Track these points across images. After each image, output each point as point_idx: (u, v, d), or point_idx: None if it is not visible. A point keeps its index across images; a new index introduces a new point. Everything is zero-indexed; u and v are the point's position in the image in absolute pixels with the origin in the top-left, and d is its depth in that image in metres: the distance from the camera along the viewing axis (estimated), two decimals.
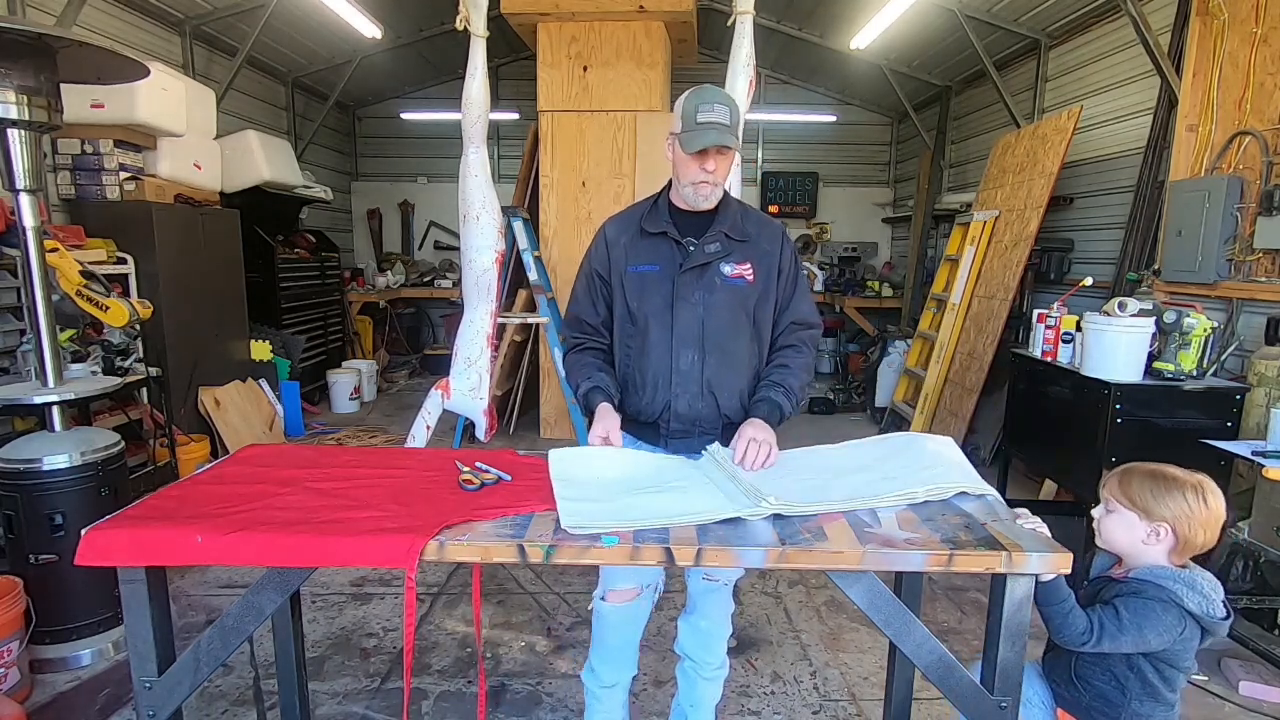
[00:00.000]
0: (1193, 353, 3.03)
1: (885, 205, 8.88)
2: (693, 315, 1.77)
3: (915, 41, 6.39)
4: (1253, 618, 2.85)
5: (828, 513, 1.43)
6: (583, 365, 1.86)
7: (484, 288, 2.86)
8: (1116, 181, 4.68)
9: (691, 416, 1.81)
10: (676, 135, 1.73)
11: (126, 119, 4.23)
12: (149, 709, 1.37)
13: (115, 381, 2.89)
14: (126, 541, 1.30)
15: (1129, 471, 1.51)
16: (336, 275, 7.06)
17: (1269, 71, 3.40)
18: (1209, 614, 1.40)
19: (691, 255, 1.77)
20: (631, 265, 1.80)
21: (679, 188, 1.78)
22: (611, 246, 1.84)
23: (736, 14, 2.72)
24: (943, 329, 5.25)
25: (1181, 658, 1.44)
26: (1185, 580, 1.41)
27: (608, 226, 1.90)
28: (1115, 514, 1.50)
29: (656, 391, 1.79)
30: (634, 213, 1.89)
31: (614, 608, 1.88)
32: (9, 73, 2.25)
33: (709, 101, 1.67)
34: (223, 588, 3.14)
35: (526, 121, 7.35)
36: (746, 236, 1.82)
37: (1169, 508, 1.44)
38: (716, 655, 1.99)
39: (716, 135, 1.65)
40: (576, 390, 1.84)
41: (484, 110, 2.82)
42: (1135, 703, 1.46)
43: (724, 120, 1.66)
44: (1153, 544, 1.46)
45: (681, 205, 1.82)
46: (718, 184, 1.75)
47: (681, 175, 1.75)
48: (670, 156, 1.78)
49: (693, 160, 1.70)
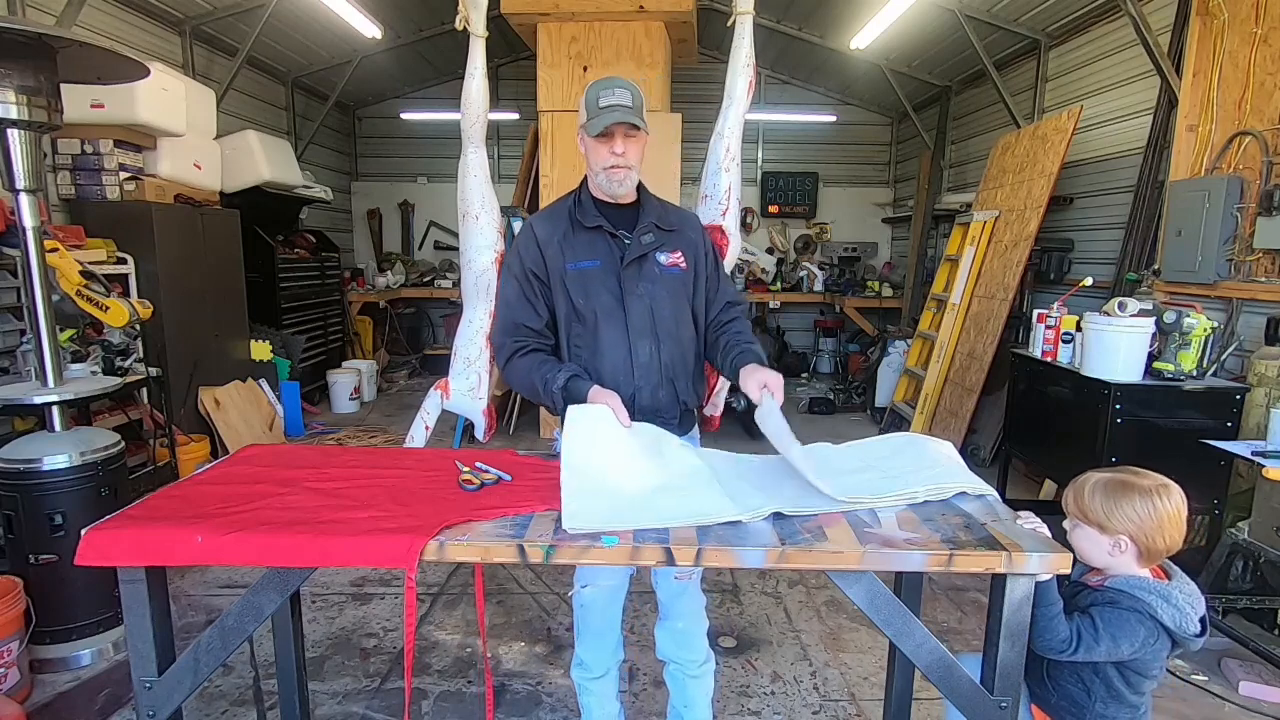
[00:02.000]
0: (1193, 353, 3.03)
1: (885, 205, 8.88)
2: (643, 307, 1.78)
3: (915, 41, 6.39)
4: (1253, 618, 2.85)
5: (828, 513, 1.43)
6: (542, 362, 1.76)
7: (483, 288, 2.86)
8: (1116, 181, 4.68)
9: (654, 407, 1.82)
10: (583, 126, 1.75)
11: (126, 119, 4.23)
12: (149, 709, 1.37)
13: (115, 381, 2.89)
14: (126, 541, 1.30)
15: (1081, 485, 1.50)
16: (336, 275, 7.06)
17: (1269, 71, 3.40)
18: (1182, 628, 1.39)
19: (630, 248, 1.79)
20: (570, 263, 1.78)
21: (593, 178, 1.80)
22: (545, 246, 1.79)
23: (736, 14, 2.71)
24: (943, 329, 5.25)
25: (1149, 666, 1.44)
26: (1160, 592, 1.40)
27: (535, 226, 1.83)
28: (1079, 529, 1.50)
29: (617, 387, 1.75)
30: (558, 210, 1.86)
31: (596, 592, 1.88)
32: (9, 73, 2.25)
33: (609, 87, 1.72)
34: (223, 588, 3.14)
35: (526, 121, 7.36)
36: (674, 226, 1.87)
37: (1123, 519, 1.43)
38: (699, 651, 1.99)
39: (620, 114, 1.68)
40: (546, 386, 1.72)
41: (484, 110, 2.81)
42: (1099, 705, 1.46)
43: (625, 102, 1.70)
44: (1118, 555, 1.46)
45: (602, 197, 1.83)
46: (630, 166, 1.76)
47: (593, 163, 1.77)
48: (583, 150, 1.80)
49: (601, 145, 1.73)
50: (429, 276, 8.46)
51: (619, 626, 1.98)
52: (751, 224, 8.63)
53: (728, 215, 2.65)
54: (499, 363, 1.85)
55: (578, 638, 1.98)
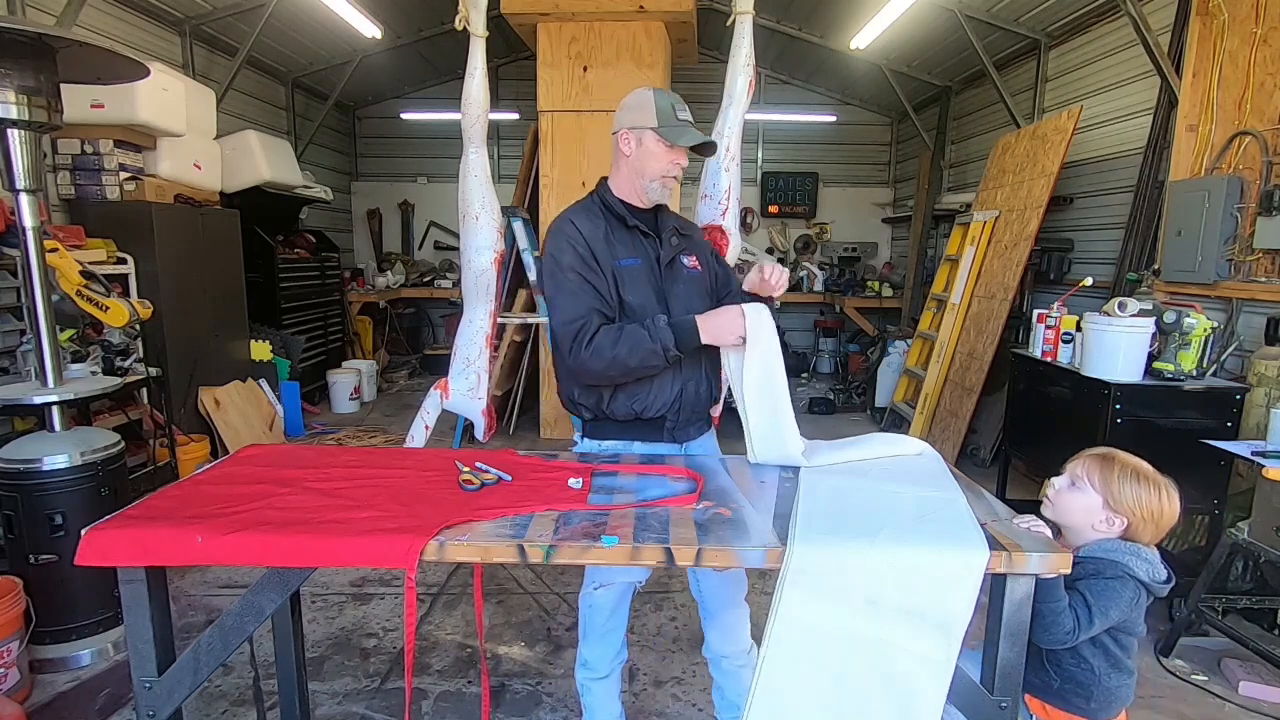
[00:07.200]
0: (1193, 353, 3.03)
1: (885, 205, 8.88)
2: (680, 306, 1.82)
3: (915, 41, 6.39)
4: (1253, 618, 2.86)
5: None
6: (624, 325, 1.69)
7: (483, 288, 2.86)
8: (1116, 181, 4.67)
9: (696, 404, 1.86)
10: (651, 129, 1.75)
11: (126, 119, 4.23)
12: (149, 709, 1.37)
13: (115, 381, 2.89)
14: (126, 541, 1.30)
15: (1110, 459, 1.54)
16: (336, 275, 7.06)
17: (1269, 71, 3.40)
18: (1155, 579, 1.45)
19: (664, 248, 1.84)
20: (618, 259, 1.80)
21: (642, 182, 1.81)
22: (591, 240, 1.77)
23: (736, 14, 2.71)
24: (943, 329, 5.25)
25: (1135, 624, 1.49)
26: (1132, 550, 1.46)
27: (577, 222, 1.79)
28: (1080, 491, 1.53)
29: (665, 385, 1.79)
30: (588, 208, 1.85)
31: (607, 592, 1.89)
32: (9, 73, 2.25)
33: (681, 104, 1.79)
34: (223, 588, 3.14)
35: (526, 121, 7.35)
36: (689, 231, 1.96)
37: (1134, 500, 1.47)
38: (746, 640, 2.01)
39: (705, 136, 1.76)
40: (651, 335, 1.64)
41: (484, 110, 2.81)
42: (1105, 678, 1.49)
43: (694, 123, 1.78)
44: (1102, 530, 1.51)
45: (634, 201, 1.85)
46: (678, 179, 1.84)
47: (650, 169, 1.79)
48: (629, 150, 1.80)
49: (668, 154, 1.77)
50: (429, 276, 8.46)
51: (625, 627, 1.98)
52: (751, 224, 8.62)
53: (727, 215, 2.66)
54: (574, 354, 1.70)
55: (583, 638, 1.98)
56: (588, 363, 1.69)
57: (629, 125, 1.79)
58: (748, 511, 1.48)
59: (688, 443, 1.93)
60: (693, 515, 1.45)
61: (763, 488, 1.63)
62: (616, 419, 1.84)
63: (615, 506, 1.49)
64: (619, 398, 1.81)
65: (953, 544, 1.30)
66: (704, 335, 1.69)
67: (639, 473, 1.72)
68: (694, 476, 1.66)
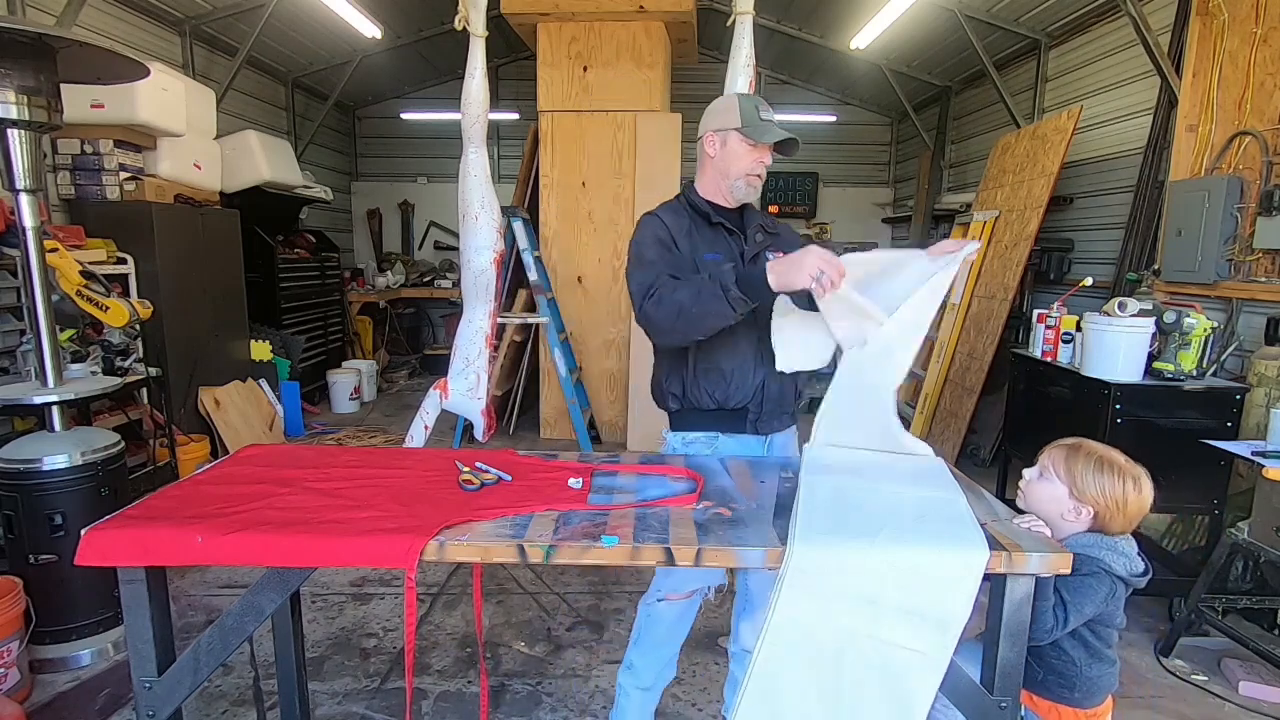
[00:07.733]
0: (1193, 353, 3.02)
1: (885, 205, 8.88)
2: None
3: (915, 41, 6.39)
4: (1253, 618, 2.86)
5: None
6: (691, 278, 1.69)
7: (483, 287, 2.86)
8: (1116, 181, 4.68)
9: (778, 396, 1.89)
10: (736, 130, 1.79)
11: (126, 119, 4.23)
12: (149, 709, 1.37)
13: (115, 381, 2.89)
14: (126, 541, 1.30)
15: (1076, 448, 1.54)
16: (336, 275, 7.06)
17: (1269, 71, 3.40)
18: (1132, 572, 1.45)
19: (748, 246, 1.87)
20: (702, 253, 1.83)
21: (727, 182, 1.85)
22: (675, 234, 1.82)
23: (736, 14, 2.72)
24: (943, 329, 5.25)
25: (1113, 616, 1.50)
26: (1109, 545, 1.47)
27: (662, 216, 1.85)
28: (1047, 482, 1.54)
29: (747, 376, 1.82)
30: (674, 207, 1.90)
31: (670, 605, 1.88)
32: (9, 73, 2.24)
33: (765, 105, 1.82)
34: (223, 588, 3.14)
35: (526, 121, 7.35)
36: (776, 230, 2.00)
37: (1098, 489, 1.48)
38: None
39: (785, 132, 1.79)
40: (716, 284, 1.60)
41: (484, 110, 2.82)
42: (1085, 668, 1.51)
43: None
44: (1070, 520, 1.51)
45: (720, 201, 1.89)
46: (763, 177, 1.87)
47: (734, 168, 1.83)
48: (714, 151, 1.84)
49: (752, 153, 1.81)
50: (429, 276, 8.46)
51: (682, 641, 1.97)
52: None
53: None
54: (642, 310, 1.70)
55: (635, 642, 1.98)
56: (653, 314, 1.69)
57: (714, 128, 1.84)
58: (748, 511, 1.48)
59: (771, 436, 1.93)
60: (693, 515, 1.45)
61: (763, 488, 1.63)
62: (700, 408, 1.86)
63: (615, 506, 1.49)
64: (701, 384, 1.83)
65: (953, 544, 1.30)
66: (772, 278, 1.57)
67: (639, 473, 1.73)
68: (694, 476, 1.66)
